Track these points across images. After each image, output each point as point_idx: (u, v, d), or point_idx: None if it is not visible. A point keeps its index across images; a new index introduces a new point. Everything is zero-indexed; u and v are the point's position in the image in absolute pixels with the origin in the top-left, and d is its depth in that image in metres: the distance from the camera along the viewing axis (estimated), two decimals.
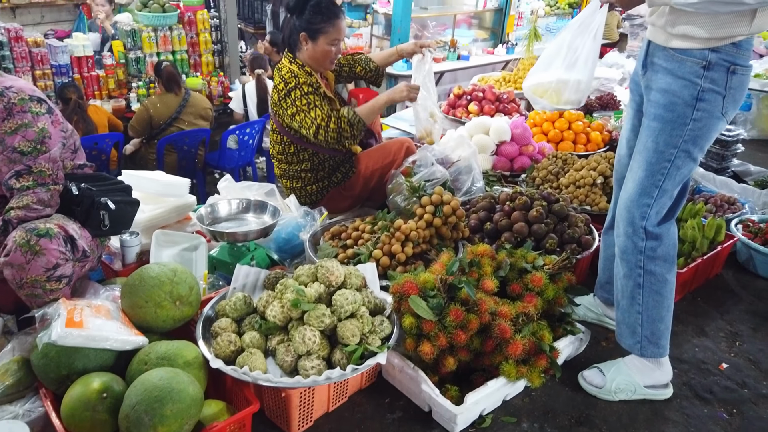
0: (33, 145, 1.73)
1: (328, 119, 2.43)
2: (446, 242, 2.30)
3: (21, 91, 1.74)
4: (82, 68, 4.85)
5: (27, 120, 1.73)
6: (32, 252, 1.63)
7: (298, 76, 2.49)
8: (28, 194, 1.74)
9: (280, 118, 2.57)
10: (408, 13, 6.38)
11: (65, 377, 1.53)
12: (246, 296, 1.82)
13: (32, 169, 1.73)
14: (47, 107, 1.79)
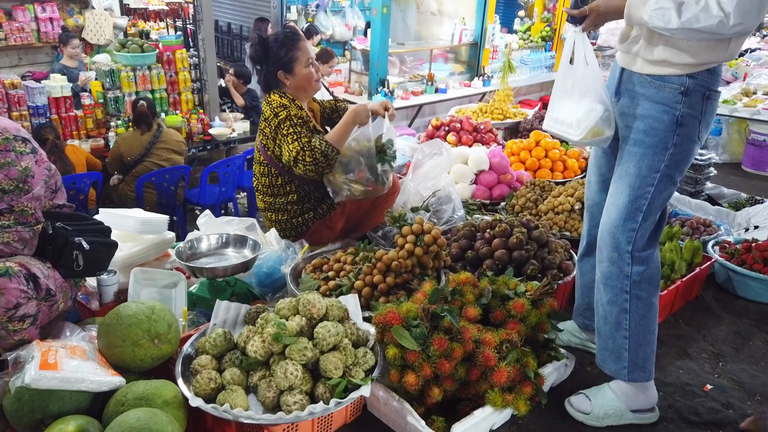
0: (15, 184, 1.71)
1: (303, 152, 2.44)
2: (428, 271, 2.30)
3: (5, 130, 1.73)
4: (60, 109, 4.84)
5: (10, 159, 1.71)
6: None
7: (289, 108, 2.52)
8: (11, 232, 1.71)
9: (269, 150, 2.58)
10: (385, 48, 6.52)
11: (39, 422, 1.48)
12: (226, 332, 1.79)
13: (14, 208, 1.71)
14: (31, 147, 1.78)
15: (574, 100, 1.92)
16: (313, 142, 2.46)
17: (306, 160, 2.43)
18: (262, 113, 2.62)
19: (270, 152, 2.59)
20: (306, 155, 2.43)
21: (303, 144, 2.45)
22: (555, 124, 2.02)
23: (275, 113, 2.53)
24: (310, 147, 2.44)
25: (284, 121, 2.50)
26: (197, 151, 5.25)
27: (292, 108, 2.53)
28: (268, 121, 2.55)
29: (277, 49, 2.55)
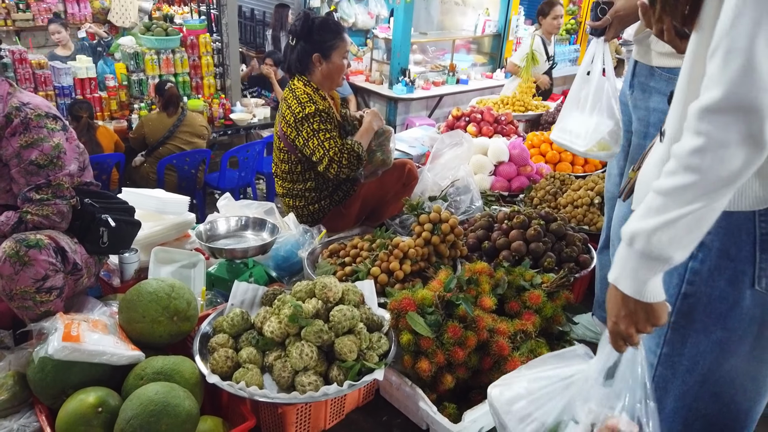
0: (49, 159, 1.77)
1: (341, 154, 2.49)
2: (444, 260, 2.30)
3: (38, 108, 1.78)
4: (85, 89, 4.91)
5: (43, 135, 1.76)
6: (21, 263, 1.64)
7: (316, 102, 2.52)
8: (50, 205, 1.77)
9: (291, 139, 2.59)
10: (407, 38, 6.48)
11: (61, 391, 1.52)
12: (243, 312, 1.82)
13: (51, 183, 1.77)
14: (62, 124, 1.83)
15: (585, 112, 1.90)
16: (349, 144, 2.51)
17: (343, 162, 2.49)
18: (284, 99, 2.62)
19: (291, 140, 2.60)
20: (343, 158, 2.49)
21: (339, 147, 2.50)
22: (562, 134, 2.01)
23: (301, 104, 2.52)
24: (348, 150, 2.50)
25: (314, 115, 2.50)
26: (218, 136, 5.29)
27: (318, 99, 2.54)
28: (293, 110, 2.54)
29: (323, 32, 2.55)
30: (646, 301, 1.00)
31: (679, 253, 0.96)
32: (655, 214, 0.95)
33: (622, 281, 1.01)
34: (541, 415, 1.18)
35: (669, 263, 0.97)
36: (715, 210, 0.94)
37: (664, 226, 0.94)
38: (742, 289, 1.07)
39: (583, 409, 1.12)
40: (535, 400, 1.21)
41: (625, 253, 1.00)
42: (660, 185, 0.96)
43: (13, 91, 1.81)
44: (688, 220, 0.93)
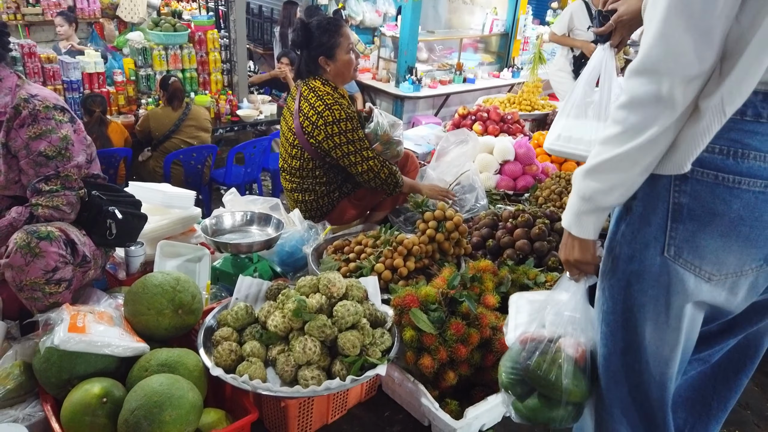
0: (57, 150, 1.78)
1: (381, 166, 2.58)
2: (448, 258, 2.31)
3: (46, 100, 1.80)
4: (93, 84, 4.93)
5: (51, 126, 1.78)
6: (32, 254, 1.65)
7: (341, 104, 2.53)
8: (59, 196, 1.78)
9: (312, 137, 2.57)
10: (415, 36, 6.48)
11: (66, 382, 1.54)
12: (248, 306, 1.83)
13: (60, 174, 1.79)
14: (69, 116, 1.84)
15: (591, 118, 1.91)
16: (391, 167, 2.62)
17: (381, 175, 2.60)
18: (304, 97, 2.59)
19: (311, 138, 2.57)
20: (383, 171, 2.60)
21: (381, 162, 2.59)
22: (565, 142, 2.01)
23: (327, 105, 2.50)
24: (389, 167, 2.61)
25: (346, 121, 2.50)
26: (224, 132, 5.31)
27: (338, 98, 2.54)
28: (317, 109, 2.51)
29: (320, 34, 2.54)
30: (576, 236, 1.14)
31: (603, 198, 1.09)
32: (589, 160, 1.10)
33: (565, 218, 1.17)
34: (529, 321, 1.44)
35: (596, 204, 1.10)
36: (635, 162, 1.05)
37: (592, 170, 1.09)
38: (653, 255, 1.14)
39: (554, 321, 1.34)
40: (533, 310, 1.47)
41: (570, 195, 1.17)
42: (599, 136, 1.11)
43: (22, 83, 1.83)
44: (610, 167, 1.06)
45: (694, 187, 1.08)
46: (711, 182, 1.06)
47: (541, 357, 1.30)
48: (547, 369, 1.28)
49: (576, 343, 1.29)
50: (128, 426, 1.37)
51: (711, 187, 1.06)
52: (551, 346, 1.31)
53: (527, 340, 1.36)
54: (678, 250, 1.11)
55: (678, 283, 1.13)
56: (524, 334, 1.39)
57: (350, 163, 2.56)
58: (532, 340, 1.35)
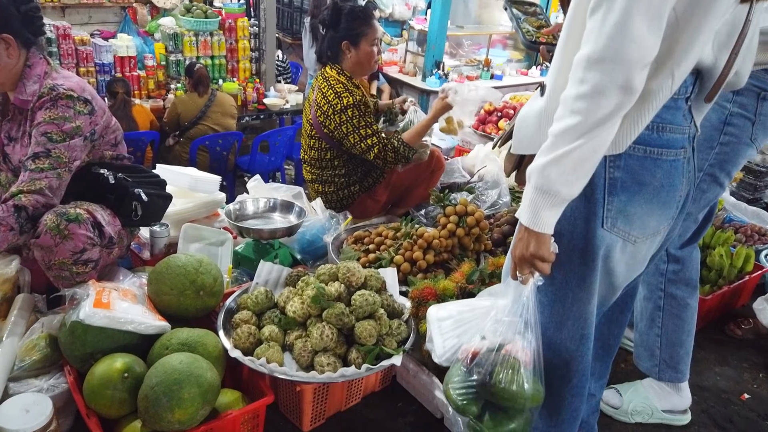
0: (63, 137, 1.76)
1: (385, 151, 2.54)
2: (468, 253, 2.30)
3: (71, 89, 1.79)
4: (125, 68, 5.01)
5: (68, 114, 1.77)
6: (61, 236, 1.69)
7: (352, 92, 2.54)
8: (41, 178, 1.73)
9: (326, 127, 2.60)
10: (444, 30, 6.44)
11: (89, 356, 1.58)
12: (268, 291, 1.85)
13: (51, 153, 1.75)
14: (90, 108, 1.83)
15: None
16: (394, 143, 2.55)
17: (388, 158, 2.55)
18: (318, 88, 2.62)
19: (325, 129, 2.61)
20: (388, 155, 2.54)
21: (384, 141, 2.54)
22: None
23: (338, 94, 2.52)
24: (393, 148, 2.55)
25: (352, 108, 2.51)
26: (251, 119, 5.36)
27: (352, 88, 2.55)
28: (329, 100, 2.54)
29: (351, 19, 2.56)
30: (537, 231, 1.13)
31: (566, 189, 1.08)
32: (546, 153, 1.08)
33: (522, 214, 1.15)
34: (459, 334, 1.39)
35: (558, 197, 1.09)
36: (596, 150, 1.06)
37: (552, 162, 1.07)
38: (593, 228, 1.20)
39: (491, 328, 1.29)
40: (459, 321, 1.40)
41: (526, 190, 1.14)
42: (552, 129, 1.08)
43: (50, 70, 1.83)
44: (572, 158, 1.05)
45: (626, 162, 1.16)
46: (640, 156, 1.16)
47: (499, 368, 1.25)
48: (508, 379, 1.24)
49: (521, 347, 1.25)
50: (148, 401, 1.41)
51: (640, 160, 1.16)
52: (501, 355, 1.25)
53: (470, 354, 1.30)
54: (613, 221, 1.20)
55: (611, 249, 1.23)
56: (464, 349, 1.33)
57: (361, 151, 2.56)
58: (474, 355, 1.29)
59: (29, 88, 1.79)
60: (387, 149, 2.54)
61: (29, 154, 1.75)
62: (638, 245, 1.25)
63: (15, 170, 1.88)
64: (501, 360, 1.25)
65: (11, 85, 1.80)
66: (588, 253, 1.22)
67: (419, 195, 2.84)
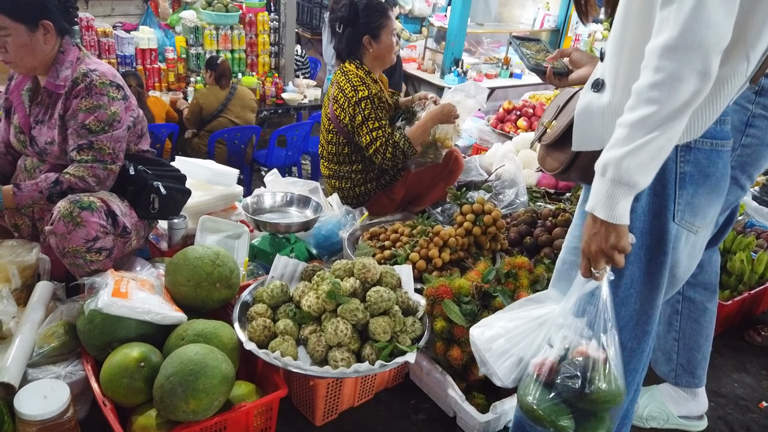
0: (102, 126, 1.83)
1: (385, 146, 2.51)
2: (484, 252, 2.29)
3: (103, 75, 1.85)
4: (146, 60, 5.06)
5: (103, 102, 1.83)
6: (74, 223, 1.72)
7: (369, 86, 2.53)
8: (87, 167, 1.83)
9: (341, 121, 2.61)
10: (464, 27, 6.41)
11: (107, 344, 1.60)
12: (283, 285, 1.86)
13: (93, 145, 1.83)
14: (123, 94, 1.88)
15: None
16: (396, 139, 2.52)
17: (387, 155, 2.52)
18: (336, 82, 2.63)
19: (342, 123, 2.61)
20: (387, 150, 2.51)
21: (387, 137, 2.51)
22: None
23: (354, 87, 2.53)
24: (393, 143, 2.51)
25: (366, 100, 2.51)
26: (269, 114, 5.38)
27: (369, 82, 2.55)
28: (346, 93, 2.55)
29: (369, 13, 2.56)
30: (615, 223, 1.11)
31: (643, 179, 1.08)
32: (622, 144, 1.07)
33: (598, 208, 1.12)
34: (518, 351, 1.30)
35: (636, 188, 1.08)
36: (671, 139, 1.05)
37: (630, 153, 1.06)
38: (665, 222, 1.21)
39: (558, 335, 1.24)
40: (512, 337, 1.32)
41: (599, 183, 1.12)
42: (624, 119, 1.07)
43: (83, 57, 1.89)
44: (650, 148, 1.05)
45: (696, 156, 1.18)
46: (708, 149, 1.19)
47: (594, 374, 1.19)
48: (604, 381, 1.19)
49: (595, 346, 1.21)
50: (163, 391, 1.42)
51: (707, 153, 1.19)
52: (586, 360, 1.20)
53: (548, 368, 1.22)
54: (682, 214, 1.21)
55: (677, 242, 1.24)
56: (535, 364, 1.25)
57: (365, 144, 2.54)
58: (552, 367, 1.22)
59: (62, 73, 1.84)
60: (388, 144, 2.51)
61: (73, 146, 1.83)
62: (698, 235, 1.27)
63: (40, 153, 1.91)
64: (591, 365, 1.19)
65: (44, 69, 1.86)
66: (659, 248, 1.23)
67: (437, 194, 2.83)
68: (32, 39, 1.78)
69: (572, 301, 1.24)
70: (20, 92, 1.95)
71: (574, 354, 1.21)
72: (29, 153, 1.96)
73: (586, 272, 1.20)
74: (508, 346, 1.31)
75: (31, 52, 1.79)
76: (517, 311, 1.36)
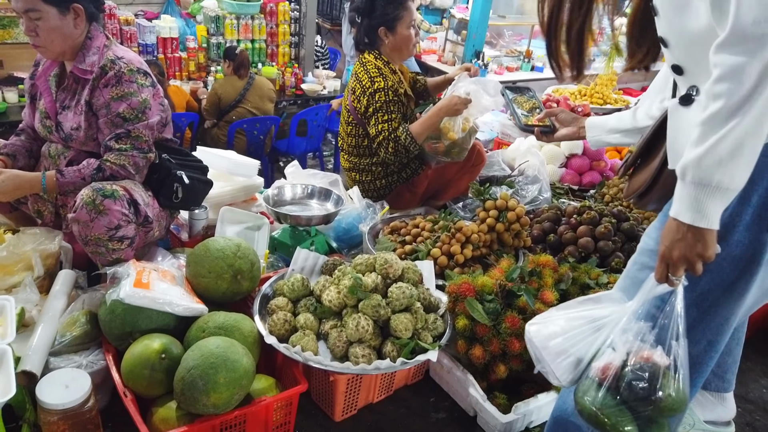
0: (135, 113, 1.83)
1: (387, 141, 2.47)
2: (507, 249, 2.25)
3: (131, 63, 1.85)
4: (167, 49, 5.07)
5: (133, 89, 1.83)
6: (96, 211, 1.71)
7: (386, 77, 2.50)
8: (128, 156, 1.84)
9: (360, 113, 2.58)
10: (485, 19, 6.32)
11: (128, 334, 1.59)
12: (304, 278, 1.84)
13: (131, 134, 1.84)
14: (151, 81, 1.89)
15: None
16: (399, 133, 2.46)
17: (389, 149, 2.48)
18: (355, 73, 2.60)
19: (360, 114, 2.59)
20: (389, 145, 2.47)
21: (391, 130, 2.46)
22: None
23: (371, 78, 2.50)
24: (395, 138, 2.46)
25: (381, 92, 2.47)
26: (288, 104, 5.36)
27: (387, 73, 2.51)
28: (362, 84, 2.53)
29: (385, 4, 2.53)
30: (703, 227, 1.06)
31: (727, 178, 1.02)
32: (697, 144, 1.03)
33: (683, 213, 1.07)
34: (576, 351, 1.25)
35: (719, 188, 1.03)
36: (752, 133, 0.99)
37: (706, 152, 1.02)
38: (757, 233, 1.13)
39: (621, 339, 1.19)
40: (571, 337, 1.27)
41: (681, 188, 1.08)
42: (698, 120, 1.04)
43: (109, 44, 1.88)
44: (726, 143, 1.00)
45: None
46: None
47: (664, 381, 1.15)
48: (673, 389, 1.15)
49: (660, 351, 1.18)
50: (184, 383, 1.41)
51: None
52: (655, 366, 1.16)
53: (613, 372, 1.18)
54: None
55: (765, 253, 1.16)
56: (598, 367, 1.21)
57: (372, 136, 2.50)
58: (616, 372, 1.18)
59: (89, 58, 1.84)
60: (390, 139, 2.46)
61: (110, 135, 1.83)
62: None
63: (66, 139, 1.91)
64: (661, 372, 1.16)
65: (71, 54, 1.86)
66: (748, 260, 1.16)
67: (458, 188, 2.80)
68: (63, 22, 1.78)
69: (638, 304, 1.20)
70: (47, 78, 1.95)
71: (637, 359, 1.17)
72: (54, 139, 1.96)
73: (662, 277, 1.16)
74: (566, 346, 1.26)
75: (61, 35, 1.79)
76: (575, 310, 1.31)
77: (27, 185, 1.80)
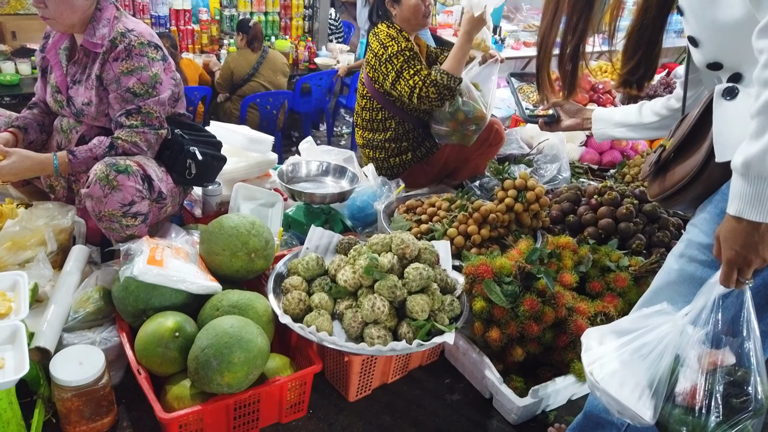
0: (145, 88, 1.79)
1: (426, 87, 2.36)
2: (525, 230, 2.21)
3: (141, 35, 1.79)
4: (179, 21, 4.99)
5: (143, 63, 1.78)
6: (110, 186, 1.68)
7: (399, 42, 2.44)
8: (139, 133, 1.80)
9: (377, 83, 2.53)
10: None
11: (141, 312, 1.58)
12: (319, 257, 1.81)
13: (141, 110, 1.79)
14: (162, 54, 1.83)
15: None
16: (433, 76, 2.37)
17: (431, 95, 2.38)
18: (369, 45, 2.55)
19: (378, 85, 2.53)
20: (430, 91, 2.37)
21: (423, 77, 2.37)
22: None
23: (384, 45, 2.45)
24: (433, 82, 2.37)
25: (396, 54, 2.41)
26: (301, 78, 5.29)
27: (401, 39, 2.45)
28: (376, 53, 2.48)
29: None
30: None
31: None
32: (756, 137, 0.97)
33: (748, 210, 1.01)
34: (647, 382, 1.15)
35: None
36: None
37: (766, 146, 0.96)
38: None
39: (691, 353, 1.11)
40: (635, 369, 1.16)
41: (742, 184, 1.01)
42: (753, 110, 0.98)
43: (120, 15, 1.83)
44: None
45: None
46: None
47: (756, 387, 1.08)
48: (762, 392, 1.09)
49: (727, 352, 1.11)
50: (198, 362, 1.40)
51: None
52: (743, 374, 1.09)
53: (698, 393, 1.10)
54: None
55: None
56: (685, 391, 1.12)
57: (407, 96, 2.41)
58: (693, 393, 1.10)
59: (99, 31, 1.80)
60: (427, 85, 2.36)
61: (120, 111, 1.79)
62: None
63: (77, 114, 1.88)
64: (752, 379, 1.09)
65: (81, 27, 1.82)
66: None
67: (475, 167, 2.74)
68: None
69: (697, 310, 1.12)
70: (57, 51, 1.91)
71: (704, 366, 1.10)
72: (66, 113, 1.93)
73: (730, 282, 1.08)
74: (637, 380, 1.16)
75: (70, 7, 1.74)
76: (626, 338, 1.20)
77: (38, 167, 1.77)
